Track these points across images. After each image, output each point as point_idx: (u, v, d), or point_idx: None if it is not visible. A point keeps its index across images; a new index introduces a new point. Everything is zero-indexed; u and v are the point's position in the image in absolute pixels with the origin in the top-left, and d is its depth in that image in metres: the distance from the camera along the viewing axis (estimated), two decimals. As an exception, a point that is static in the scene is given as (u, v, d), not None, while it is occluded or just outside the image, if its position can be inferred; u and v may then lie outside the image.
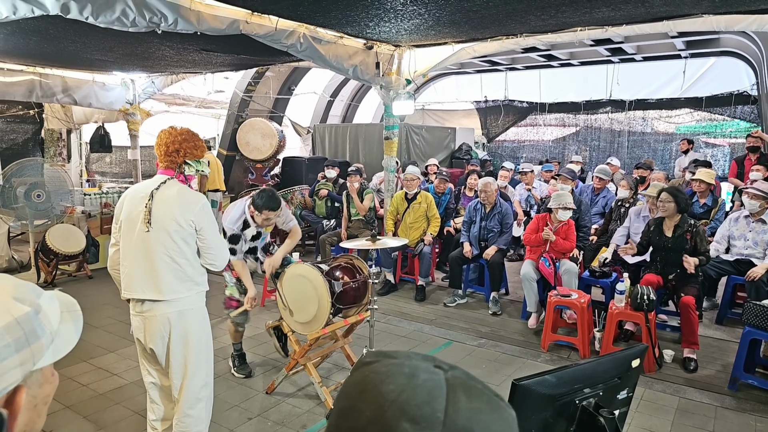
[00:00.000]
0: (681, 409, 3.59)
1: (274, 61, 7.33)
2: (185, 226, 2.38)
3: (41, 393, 0.81)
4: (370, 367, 0.58)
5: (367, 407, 0.54)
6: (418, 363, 0.58)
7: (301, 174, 9.30)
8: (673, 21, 4.64)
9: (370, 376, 0.57)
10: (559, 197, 5.15)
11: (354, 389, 0.57)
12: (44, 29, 4.84)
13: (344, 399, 0.58)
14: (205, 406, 2.55)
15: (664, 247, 4.57)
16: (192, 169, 2.52)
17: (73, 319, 0.86)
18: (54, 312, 0.82)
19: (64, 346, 0.83)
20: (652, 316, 4.22)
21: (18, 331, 0.74)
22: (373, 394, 0.54)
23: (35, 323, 0.77)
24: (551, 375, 1.44)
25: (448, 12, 4.29)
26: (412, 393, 0.53)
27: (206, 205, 2.48)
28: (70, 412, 3.48)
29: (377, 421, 0.52)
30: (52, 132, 11.18)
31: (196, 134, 2.60)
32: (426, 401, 0.53)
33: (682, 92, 10.86)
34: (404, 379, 0.55)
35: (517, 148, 12.96)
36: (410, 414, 0.52)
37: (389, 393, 0.54)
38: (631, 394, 1.68)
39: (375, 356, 0.60)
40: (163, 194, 2.40)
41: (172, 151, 2.50)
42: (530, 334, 4.95)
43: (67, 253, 6.49)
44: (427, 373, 0.56)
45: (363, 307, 3.77)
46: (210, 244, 2.46)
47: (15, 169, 6.51)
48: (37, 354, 0.76)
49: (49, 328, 0.79)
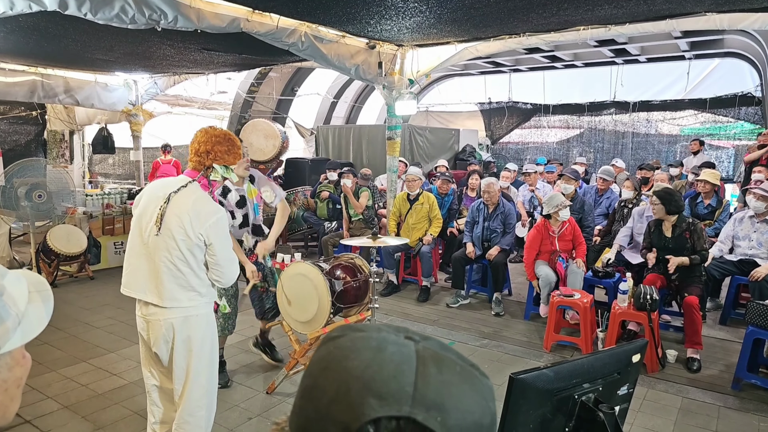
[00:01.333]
0: (684, 408, 3.56)
1: (276, 61, 7.33)
2: (193, 237, 2.27)
3: (12, 376, 0.78)
4: (334, 342, 0.55)
5: (331, 385, 0.50)
6: (387, 335, 0.54)
7: (304, 175, 9.30)
8: (676, 20, 4.61)
9: (334, 352, 0.53)
10: (551, 200, 5.12)
11: (317, 366, 0.54)
12: (44, 27, 4.84)
13: (308, 377, 0.54)
14: (206, 414, 2.48)
15: (665, 247, 4.55)
16: (218, 174, 2.41)
17: (42, 299, 0.82)
18: (20, 293, 0.78)
19: (34, 327, 0.79)
20: (655, 316, 4.18)
21: None
22: (336, 371, 0.51)
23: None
24: (549, 369, 1.40)
25: (449, 9, 4.27)
26: (378, 367, 0.50)
27: (221, 219, 2.34)
28: (69, 411, 3.45)
29: (341, 399, 0.49)
30: (54, 133, 11.21)
31: (234, 140, 2.48)
32: (393, 375, 0.50)
33: (686, 94, 10.82)
34: (370, 353, 0.52)
35: (521, 150, 12.93)
36: (376, 390, 0.49)
37: (354, 369, 0.50)
38: (632, 390, 1.64)
39: (341, 330, 0.57)
40: (179, 200, 2.29)
41: (202, 152, 2.40)
42: (533, 335, 4.91)
43: (68, 253, 6.48)
44: (395, 346, 0.53)
45: (364, 306, 3.74)
46: (218, 261, 2.34)
47: (16, 169, 6.51)
48: (2, 338, 0.73)
49: (14, 310, 0.75)
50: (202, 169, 2.41)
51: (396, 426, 0.48)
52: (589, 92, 11.73)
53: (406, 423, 0.48)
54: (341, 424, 0.48)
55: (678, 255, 4.44)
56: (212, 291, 2.47)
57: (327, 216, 7.70)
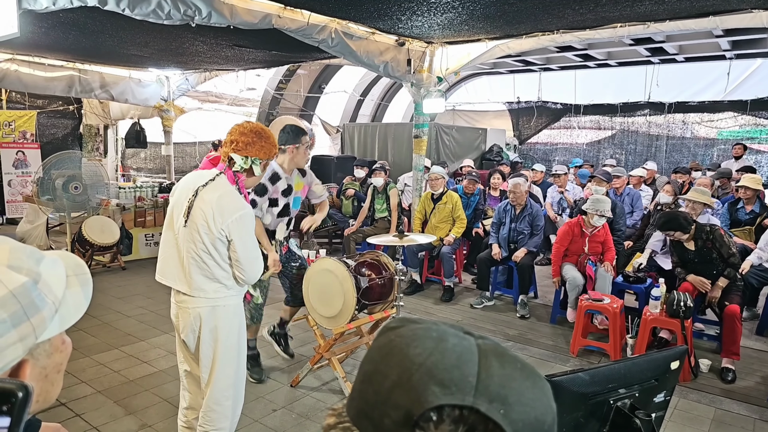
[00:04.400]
0: (717, 420, 3.45)
1: (305, 58, 7.37)
2: (215, 232, 2.29)
3: (51, 363, 0.76)
4: (395, 332, 0.55)
5: (393, 371, 0.51)
6: (446, 328, 0.55)
7: (329, 173, 9.32)
8: (720, 17, 4.45)
9: (396, 340, 0.54)
10: (597, 203, 4.98)
11: (378, 353, 0.54)
12: (83, 23, 4.96)
13: (368, 363, 0.55)
14: (232, 404, 2.49)
15: (691, 261, 4.42)
16: (238, 165, 2.42)
17: (80, 283, 0.80)
18: (58, 278, 0.75)
19: (73, 313, 0.77)
20: (689, 323, 4.05)
21: (14, 304, 0.67)
22: (398, 358, 0.52)
23: (34, 294, 0.70)
24: (584, 373, 1.37)
25: (482, 5, 4.22)
26: (440, 356, 0.50)
27: (245, 216, 2.34)
28: (102, 396, 3.54)
29: (403, 384, 0.49)
30: (90, 127, 11.51)
31: (262, 133, 2.46)
32: (456, 365, 0.50)
33: (726, 95, 10.48)
34: (432, 342, 0.52)
35: (550, 151, 12.73)
36: (439, 378, 0.49)
37: (416, 356, 0.51)
38: (669, 398, 1.59)
39: (400, 321, 0.57)
40: (206, 194, 2.31)
41: (227, 141, 2.44)
42: (559, 339, 4.83)
43: (102, 244, 6.65)
44: (456, 338, 0.53)
45: (389, 303, 3.73)
46: (239, 257, 2.34)
47: (54, 161, 6.70)
48: (39, 327, 0.70)
49: (51, 298, 0.73)
50: (226, 159, 2.44)
51: (459, 415, 0.48)
52: (623, 92, 11.45)
53: (469, 413, 0.48)
54: (403, 408, 0.49)
55: (705, 267, 4.31)
56: (239, 285, 2.48)
57: (352, 213, 7.71)
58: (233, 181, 2.43)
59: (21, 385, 0.53)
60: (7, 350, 0.67)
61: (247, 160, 2.42)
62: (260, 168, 2.48)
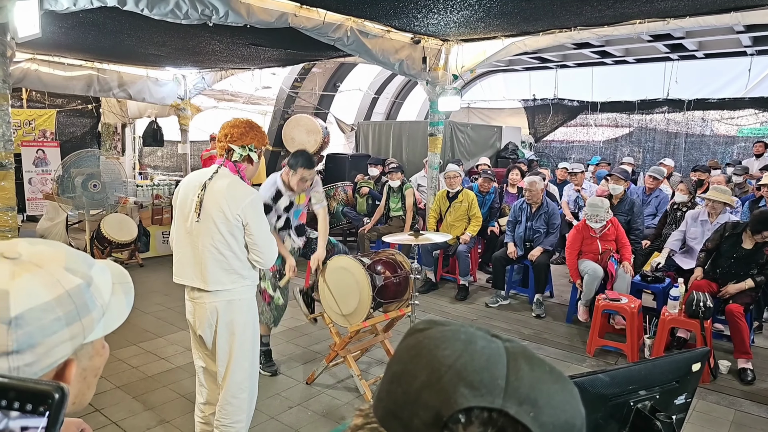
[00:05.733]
0: (737, 422, 3.40)
1: (320, 56, 7.38)
2: (231, 219, 2.36)
3: (91, 365, 0.80)
4: (423, 333, 0.56)
5: (422, 371, 0.51)
6: (474, 331, 0.55)
7: (344, 171, 9.33)
8: (742, 13, 4.37)
9: (424, 342, 0.54)
10: (592, 207, 4.96)
11: (407, 354, 0.54)
12: (102, 23, 5.02)
13: (397, 363, 0.55)
14: (248, 397, 2.55)
15: (736, 257, 4.31)
16: (237, 155, 2.50)
17: (124, 292, 0.83)
18: (105, 284, 0.79)
19: (115, 319, 0.80)
20: (708, 324, 4.00)
21: (69, 304, 0.71)
22: (428, 359, 0.52)
23: (86, 296, 0.74)
24: (604, 374, 1.36)
25: (499, 2, 4.19)
26: (469, 358, 0.51)
27: (256, 200, 2.44)
28: (120, 392, 3.60)
29: (433, 385, 0.50)
30: (108, 126, 11.65)
31: (253, 125, 2.57)
32: (485, 367, 0.50)
33: (747, 92, 10.29)
34: (461, 344, 0.52)
35: (566, 149, 12.61)
36: (468, 379, 0.49)
37: (446, 357, 0.51)
38: (690, 400, 1.57)
39: (427, 323, 0.58)
40: (214, 185, 2.40)
41: (220, 137, 2.54)
42: (575, 338, 4.79)
43: (120, 241, 6.74)
44: (484, 341, 0.53)
45: (404, 302, 3.73)
46: (256, 241, 2.42)
47: (73, 159, 6.80)
48: (87, 328, 0.74)
49: (100, 301, 0.77)
50: (223, 153, 2.52)
51: (488, 417, 0.48)
52: (641, 89, 11.28)
53: (498, 415, 0.48)
54: (432, 409, 0.49)
55: (745, 266, 4.22)
56: (254, 273, 2.54)
57: (366, 212, 7.72)
58: (235, 171, 2.51)
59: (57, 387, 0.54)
60: (58, 347, 0.70)
61: (245, 149, 2.51)
62: (257, 156, 2.57)
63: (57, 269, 0.72)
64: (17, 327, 0.67)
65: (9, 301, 0.67)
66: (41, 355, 0.69)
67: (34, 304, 0.68)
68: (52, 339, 0.69)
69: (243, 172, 2.53)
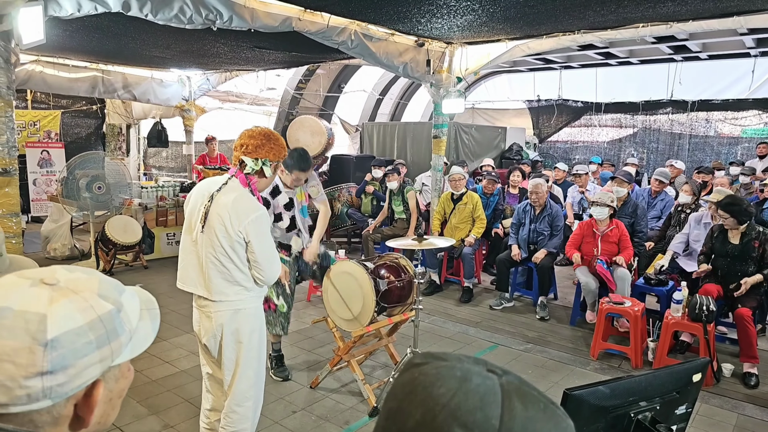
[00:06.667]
0: (740, 426, 3.40)
1: (324, 59, 7.40)
2: (233, 234, 2.33)
3: (117, 387, 0.84)
4: (419, 369, 0.56)
5: (416, 410, 0.51)
6: (470, 366, 0.55)
7: (348, 172, 9.34)
8: (744, 17, 4.36)
9: (420, 378, 0.54)
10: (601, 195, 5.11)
11: (402, 390, 0.55)
12: (106, 26, 5.06)
13: (392, 400, 0.55)
14: (252, 405, 2.53)
15: (729, 254, 4.33)
16: (249, 168, 2.45)
17: (150, 317, 0.88)
18: (134, 310, 0.84)
19: (142, 343, 0.84)
20: (711, 327, 4.00)
21: (100, 328, 0.76)
22: (422, 397, 0.52)
23: (116, 321, 0.78)
24: (605, 386, 1.37)
25: (502, 7, 4.20)
26: (464, 397, 0.51)
27: (261, 217, 2.39)
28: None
29: (427, 424, 0.50)
30: (112, 127, 11.70)
31: (271, 136, 2.50)
32: (479, 407, 0.50)
33: (750, 93, 10.26)
34: (456, 382, 0.52)
35: (570, 149, 12.59)
36: (462, 419, 0.49)
37: (440, 396, 0.51)
38: (690, 410, 1.58)
39: (424, 358, 0.58)
40: (221, 198, 2.36)
41: (237, 145, 2.48)
42: (579, 341, 4.79)
43: (124, 243, 6.75)
44: (479, 378, 0.53)
45: (407, 306, 3.74)
46: (257, 258, 2.38)
47: (78, 161, 6.83)
48: (116, 351, 0.78)
49: (128, 326, 0.81)
50: (237, 164, 2.48)
51: None
52: (645, 90, 11.27)
53: None
54: None
55: (742, 264, 4.24)
56: (258, 286, 2.51)
57: (371, 213, 7.73)
58: (245, 183, 2.46)
59: None
60: (88, 369, 0.75)
61: (258, 162, 2.46)
62: (271, 170, 2.51)
63: (91, 295, 0.77)
64: (53, 349, 0.71)
65: (47, 324, 0.72)
66: (72, 376, 0.74)
67: (69, 328, 0.73)
68: (83, 361, 0.74)
69: (254, 185, 2.48)
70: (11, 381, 0.70)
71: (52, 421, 0.75)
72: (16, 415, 0.72)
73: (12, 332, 0.71)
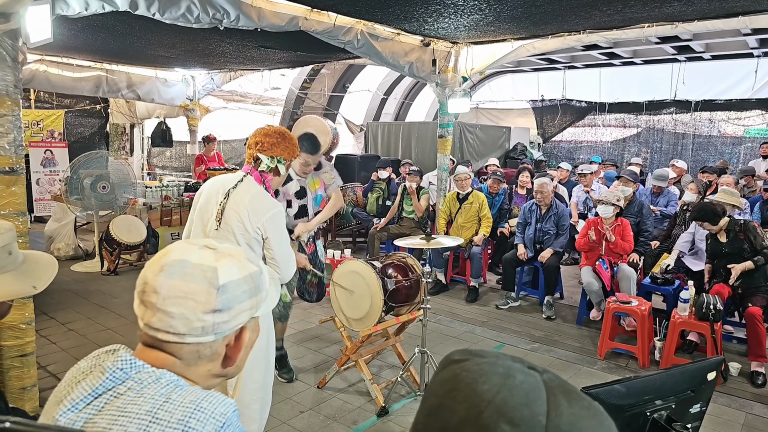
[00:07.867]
0: (748, 425, 3.40)
1: (330, 58, 7.40)
2: (251, 231, 2.35)
3: (252, 338, 1.02)
4: (460, 365, 0.55)
5: (460, 406, 0.50)
6: (512, 363, 0.54)
7: (353, 172, 9.35)
8: (749, 17, 4.36)
9: (462, 374, 0.53)
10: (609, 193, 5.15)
11: (442, 387, 0.54)
12: (112, 25, 5.06)
13: (432, 397, 0.55)
14: (259, 407, 2.53)
15: (722, 253, 4.43)
16: (264, 165, 2.47)
17: (274, 285, 1.10)
18: (266, 275, 1.05)
19: (270, 303, 1.05)
20: (719, 326, 4.00)
21: (251, 282, 0.97)
22: (465, 393, 0.51)
23: (259, 280, 1.00)
24: (621, 384, 1.37)
25: (509, 7, 4.20)
26: (509, 393, 0.50)
27: (278, 214, 2.41)
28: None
29: (473, 421, 0.49)
30: (116, 126, 11.71)
31: (286, 134, 2.53)
32: (525, 403, 0.49)
33: (753, 93, 10.26)
34: (499, 378, 0.51)
35: (574, 149, 12.60)
36: (509, 416, 0.48)
37: (485, 392, 0.50)
38: (705, 408, 1.59)
39: (463, 354, 0.57)
40: (237, 195, 2.37)
41: (251, 143, 2.49)
42: (586, 340, 4.79)
43: (129, 243, 6.74)
44: (522, 374, 0.53)
45: (415, 306, 3.74)
46: (275, 255, 2.40)
47: (82, 161, 6.84)
48: (259, 303, 0.99)
49: (265, 287, 1.02)
50: (251, 161, 2.49)
51: None
52: (648, 90, 11.27)
53: None
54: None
55: (736, 259, 4.29)
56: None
57: (376, 212, 7.73)
58: (260, 181, 2.48)
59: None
60: (242, 314, 0.95)
61: (273, 160, 2.48)
62: (285, 168, 2.54)
63: (242, 258, 0.99)
64: (223, 292, 0.92)
65: (218, 273, 0.92)
66: (232, 317, 0.93)
67: (232, 278, 0.94)
68: (240, 306, 0.94)
69: (268, 183, 2.50)
70: (192, 314, 0.90)
71: (211, 355, 0.95)
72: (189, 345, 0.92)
73: (194, 278, 0.91)
